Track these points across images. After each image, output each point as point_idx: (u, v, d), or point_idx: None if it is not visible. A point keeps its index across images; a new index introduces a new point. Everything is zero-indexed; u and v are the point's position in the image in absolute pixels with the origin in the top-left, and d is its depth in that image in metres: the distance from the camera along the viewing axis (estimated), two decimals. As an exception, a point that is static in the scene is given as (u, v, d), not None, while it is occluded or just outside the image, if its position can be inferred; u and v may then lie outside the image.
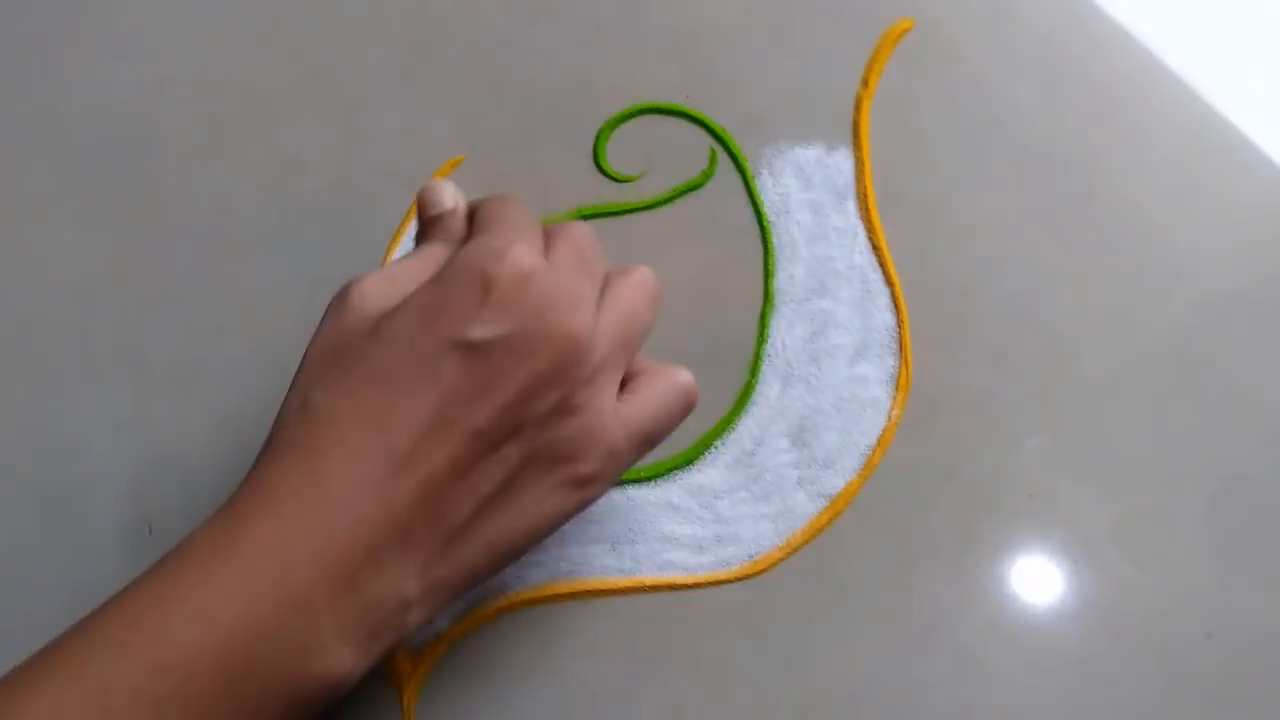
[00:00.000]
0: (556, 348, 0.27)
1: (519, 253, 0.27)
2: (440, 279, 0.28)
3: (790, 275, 0.43)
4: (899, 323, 0.42)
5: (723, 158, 0.45)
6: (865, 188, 0.44)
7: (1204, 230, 0.43)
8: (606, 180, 0.44)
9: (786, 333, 0.42)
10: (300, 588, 0.25)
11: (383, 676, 0.38)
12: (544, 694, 0.38)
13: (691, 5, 0.47)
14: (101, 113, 0.46)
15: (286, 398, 0.29)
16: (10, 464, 0.41)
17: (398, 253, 0.43)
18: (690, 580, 0.39)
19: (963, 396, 0.41)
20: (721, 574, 0.39)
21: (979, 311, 0.42)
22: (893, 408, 0.41)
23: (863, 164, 0.44)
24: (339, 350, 0.28)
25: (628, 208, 0.44)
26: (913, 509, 0.40)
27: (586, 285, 0.29)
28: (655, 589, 0.39)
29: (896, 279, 0.42)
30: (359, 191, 0.44)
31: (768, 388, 0.42)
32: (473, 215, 0.31)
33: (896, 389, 0.41)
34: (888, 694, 0.38)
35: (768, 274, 0.43)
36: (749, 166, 0.44)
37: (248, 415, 0.41)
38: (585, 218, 0.44)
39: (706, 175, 0.44)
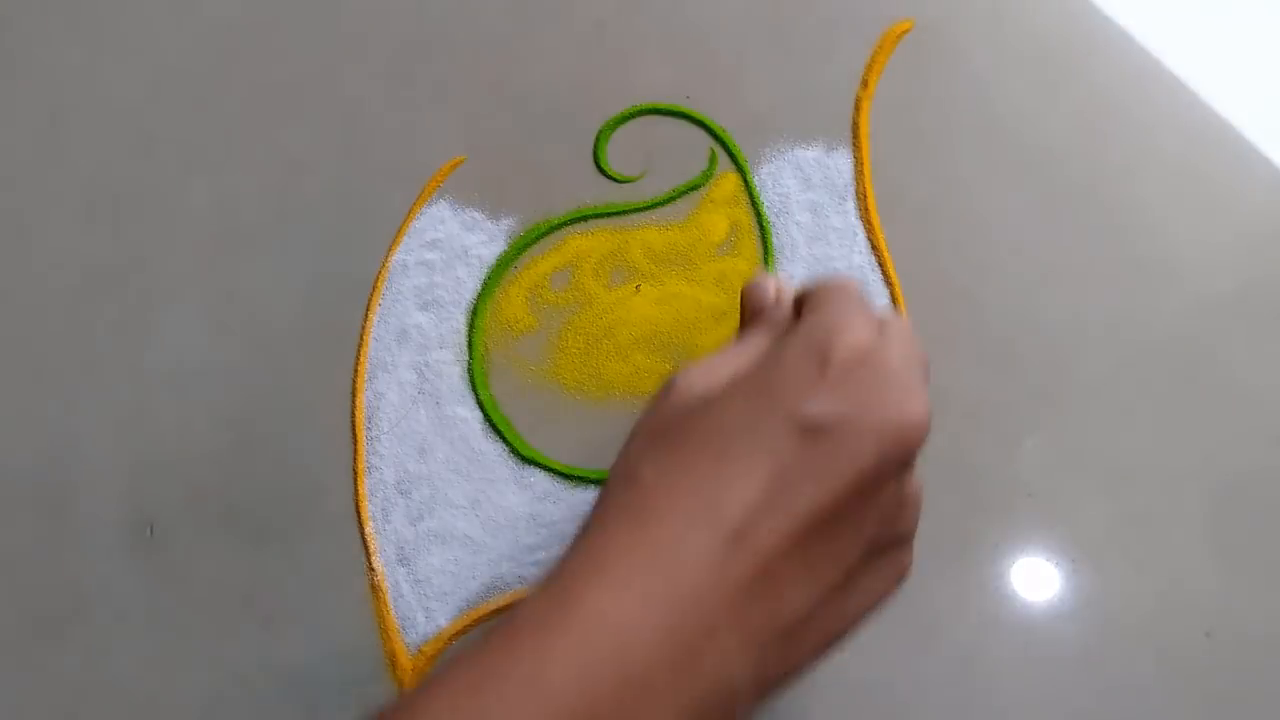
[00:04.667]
0: (897, 432, 0.25)
1: (858, 329, 0.26)
2: (775, 355, 0.27)
3: (790, 275, 0.43)
4: (899, 323, 0.42)
5: (723, 158, 0.45)
6: (865, 188, 0.44)
7: (1204, 230, 0.43)
8: (606, 180, 0.44)
9: (786, 333, 0.42)
10: (640, 665, 0.23)
11: (384, 674, 0.38)
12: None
13: (691, 5, 0.47)
14: (102, 113, 0.46)
15: (612, 473, 0.27)
16: (10, 463, 0.41)
17: (399, 253, 0.43)
18: (690, 580, 0.39)
19: (963, 396, 0.41)
20: (721, 574, 0.39)
21: (979, 311, 0.42)
22: (892, 407, 0.41)
23: (862, 164, 0.44)
24: (667, 427, 0.27)
25: (628, 208, 0.44)
26: (912, 509, 0.40)
27: (920, 369, 0.27)
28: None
29: (896, 279, 0.42)
30: (359, 191, 0.44)
31: (767, 388, 0.42)
32: (800, 302, 0.29)
33: (896, 389, 0.41)
34: (888, 693, 0.38)
35: (767, 274, 0.43)
36: (749, 167, 0.44)
37: (248, 415, 0.41)
38: (585, 218, 0.44)
39: (706, 176, 0.44)
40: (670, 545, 0.24)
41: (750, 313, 0.31)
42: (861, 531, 0.26)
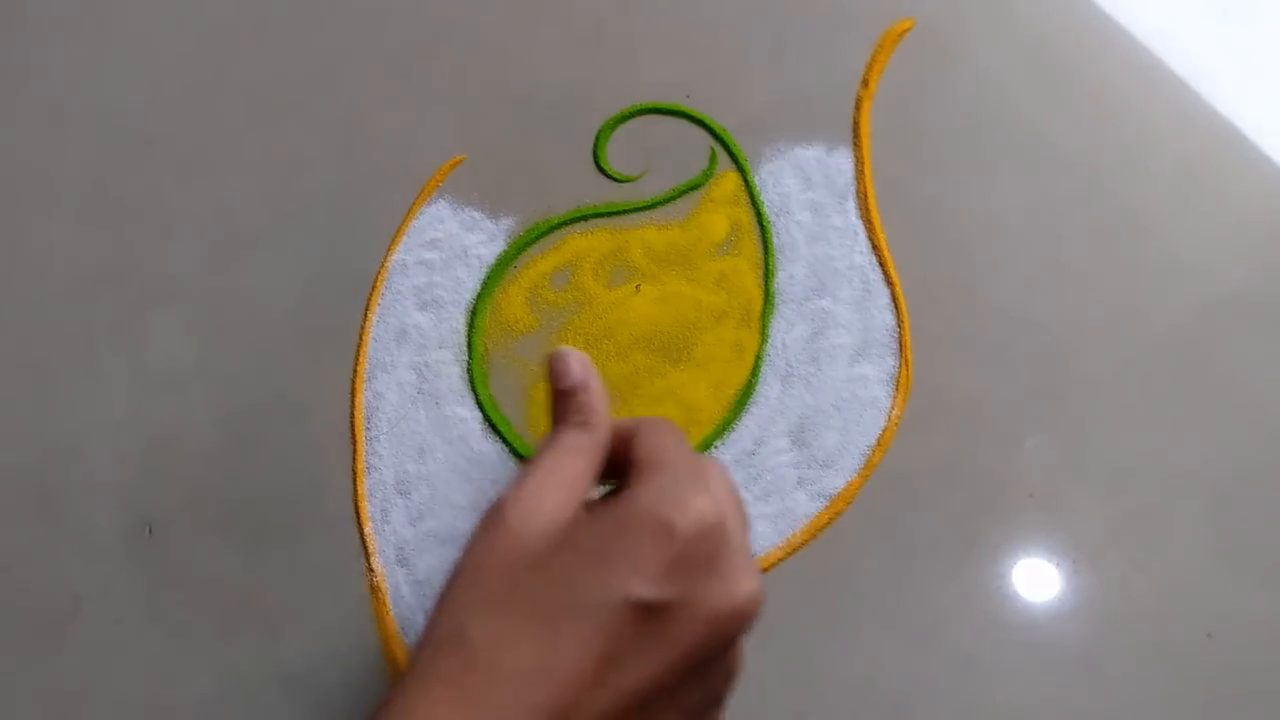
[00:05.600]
0: (731, 614, 0.26)
1: (701, 503, 0.26)
2: (617, 517, 0.26)
3: (790, 275, 0.43)
4: (899, 322, 0.42)
5: (723, 158, 0.45)
6: (865, 188, 0.44)
7: (1204, 230, 0.43)
8: (606, 180, 0.44)
9: (786, 333, 0.42)
10: None
11: (384, 674, 0.38)
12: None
13: (691, 6, 0.47)
14: (101, 113, 0.46)
15: (434, 617, 0.27)
16: (10, 464, 0.41)
17: (399, 253, 0.43)
18: (690, 580, 0.39)
19: (963, 396, 0.41)
20: (721, 574, 0.39)
21: (979, 311, 0.42)
22: (893, 407, 0.41)
23: (863, 164, 0.44)
24: (498, 578, 0.26)
25: (628, 207, 0.44)
26: (913, 509, 0.40)
27: (747, 535, 0.28)
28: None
29: (896, 279, 0.42)
30: (359, 191, 0.44)
31: (768, 388, 0.42)
32: (629, 435, 0.29)
33: (896, 389, 0.41)
34: (888, 693, 0.37)
35: (768, 274, 0.43)
36: (749, 167, 0.44)
37: (247, 415, 0.41)
38: (585, 218, 0.44)
39: (706, 175, 0.44)
40: None
41: (557, 393, 0.30)
42: (682, 703, 0.26)
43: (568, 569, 0.26)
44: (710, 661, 0.26)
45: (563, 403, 0.30)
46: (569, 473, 0.28)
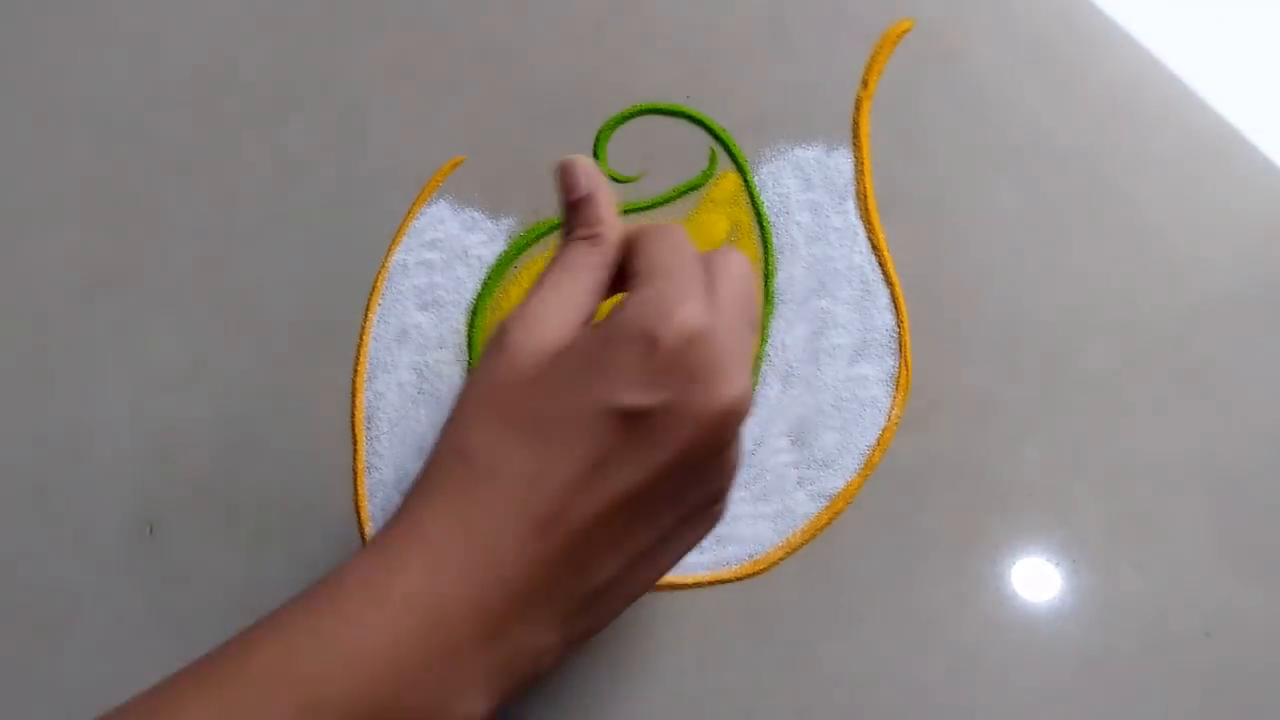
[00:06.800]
0: (718, 418, 0.26)
1: (687, 313, 0.26)
2: (604, 331, 0.27)
3: (790, 275, 0.43)
4: (898, 322, 0.42)
5: (723, 158, 0.45)
6: (865, 188, 0.44)
7: (1204, 230, 0.43)
8: (607, 180, 0.44)
9: (786, 333, 0.42)
10: (449, 638, 0.26)
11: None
12: (543, 693, 0.38)
13: (691, 5, 0.47)
14: (101, 113, 0.46)
15: (444, 432, 0.28)
16: (10, 464, 0.41)
17: (399, 253, 0.43)
18: (690, 580, 0.39)
19: (962, 396, 0.41)
20: (721, 573, 0.39)
21: (979, 311, 0.42)
22: (892, 407, 0.41)
23: (862, 164, 0.44)
24: (498, 394, 0.28)
25: (628, 208, 0.44)
26: (912, 509, 0.40)
27: (747, 337, 0.28)
28: (655, 588, 0.39)
29: (896, 279, 0.42)
30: (359, 191, 0.44)
31: (768, 388, 0.42)
32: (631, 247, 0.30)
33: (896, 389, 0.41)
34: (888, 693, 0.38)
35: (768, 274, 0.43)
36: (749, 167, 0.44)
37: (248, 415, 0.41)
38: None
39: (706, 175, 0.44)
40: (487, 528, 0.26)
41: (566, 205, 0.31)
42: (678, 503, 0.27)
43: (559, 382, 0.27)
44: (702, 463, 0.27)
45: (571, 216, 0.31)
46: (573, 289, 0.29)
